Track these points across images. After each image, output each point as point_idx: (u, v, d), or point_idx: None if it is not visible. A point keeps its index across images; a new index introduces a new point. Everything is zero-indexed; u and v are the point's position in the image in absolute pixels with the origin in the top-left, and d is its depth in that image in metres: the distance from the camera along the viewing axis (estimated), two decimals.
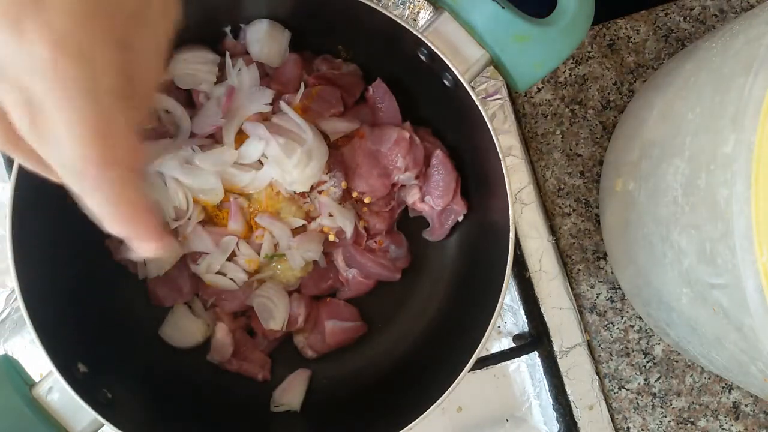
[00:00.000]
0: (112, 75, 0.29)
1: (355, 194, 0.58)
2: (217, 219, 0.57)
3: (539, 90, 0.66)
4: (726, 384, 0.66)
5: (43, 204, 0.48)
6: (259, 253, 0.57)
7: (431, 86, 0.51)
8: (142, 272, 0.57)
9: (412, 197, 0.59)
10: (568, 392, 0.64)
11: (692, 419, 0.66)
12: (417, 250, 0.62)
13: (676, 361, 0.66)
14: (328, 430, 0.58)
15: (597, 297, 0.66)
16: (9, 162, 0.63)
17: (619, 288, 0.66)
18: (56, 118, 0.28)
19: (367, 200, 0.58)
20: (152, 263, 0.56)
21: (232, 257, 0.57)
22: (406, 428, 0.48)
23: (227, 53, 0.55)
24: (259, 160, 0.55)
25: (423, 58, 0.49)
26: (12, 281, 0.46)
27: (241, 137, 0.55)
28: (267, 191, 0.56)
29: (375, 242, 0.59)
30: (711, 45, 0.46)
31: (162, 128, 0.55)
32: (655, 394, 0.66)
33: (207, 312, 0.59)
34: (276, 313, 0.58)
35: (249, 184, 0.55)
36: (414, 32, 0.47)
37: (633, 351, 0.66)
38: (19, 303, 0.45)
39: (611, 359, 0.66)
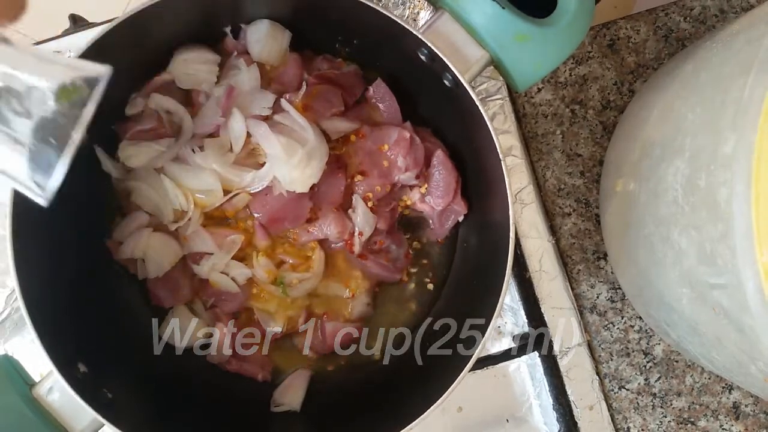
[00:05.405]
0: None
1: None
2: (219, 213, 0.57)
3: (539, 90, 0.66)
4: (726, 384, 0.66)
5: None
6: (277, 266, 0.57)
7: (431, 86, 0.51)
8: (142, 272, 0.57)
9: (413, 197, 0.59)
10: (569, 392, 0.64)
11: (692, 419, 0.66)
12: (417, 250, 0.62)
13: (677, 361, 0.66)
14: (328, 430, 0.58)
15: (597, 297, 0.66)
16: None
17: (619, 288, 0.66)
18: None
19: (368, 199, 0.58)
20: (152, 264, 0.56)
21: (250, 267, 0.57)
22: (407, 428, 0.47)
23: (231, 53, 0.55)
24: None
25: (423, 58, 0.49)
26: (12, 281, 0.46)
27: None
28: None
29: (375, 242, 0.59)
30: (711, 45, 0.46)
31: (162, 128, 0.55)
32: (655, 394, 0.66)
33: (207, 312, 0.59)
34: (276, 315, 0.58)
35: (249, 184, 0.55)
36: (414, 32, 0.47)
37: (633, 351, 0.66)
38: (19, 303, 0.45)
39: (611, 359, 0.66)
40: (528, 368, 0.65)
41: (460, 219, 0.59)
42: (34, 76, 0.32)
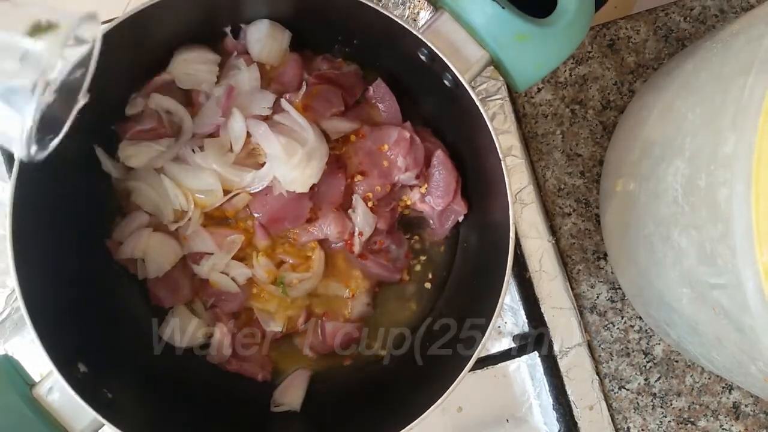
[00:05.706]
0: None
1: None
2: (219, 213, 0.57)
3: (539, 90, 0.66)
4: (726, 384, 0.66)
5: (43, 204, 0.48)
6: (277, 266, 0.57)
7: (431, 86, 0.51)
8: (142, 272, 0.57)
9: (413, 197, 0.59)
10: (569, 392, 0.64)
11: (692, 419, 0.66)
12: (417, 250, 0.62)
13: (677, 361, 0.66)
14: (328, 430, 0.58)
15: (597, 297, 0.66)
16: (9, 162, 0.63)
17: (619, 288, 0.66)
18: None
19: (368, 199, 0.58)
20: (152, 264, 0.56)
21: (250, 267, 0.57)
22: (406, 428, 0.48)
23: (231, 53, 0.55)
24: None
25: (423, 58, 0.49)
26: (12, 281, 0.46)
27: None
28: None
29: (375, 242, 0.59)
30: (711, 45, 0.46)
31: (162, 128, 0.55)
32: (655, 394, 0.66)
33: (207, 312, 0.59)
34: (276, 315, 0.58)
35: (249, 184, 0.55)
36: (414, 32, 0.47)
37: (633, 351, 0.66)
38: (19, 303, 0.45)
39: (611, 359, 0.66)
40: (528, 368, 0.65)
41: (460, 219, 0.59)
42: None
